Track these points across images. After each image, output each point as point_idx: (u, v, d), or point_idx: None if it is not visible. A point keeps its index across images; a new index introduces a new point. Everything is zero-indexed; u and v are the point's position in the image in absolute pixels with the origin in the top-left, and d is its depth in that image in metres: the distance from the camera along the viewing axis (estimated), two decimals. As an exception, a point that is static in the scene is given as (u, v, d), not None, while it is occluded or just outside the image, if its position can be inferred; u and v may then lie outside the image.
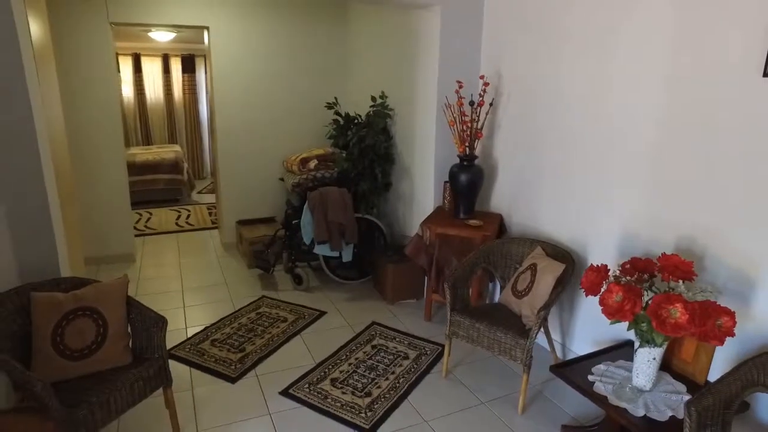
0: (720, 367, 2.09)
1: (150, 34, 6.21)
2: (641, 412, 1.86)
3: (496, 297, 3.41)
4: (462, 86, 3.11)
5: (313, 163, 4.11)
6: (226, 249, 4.87)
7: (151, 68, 7.95)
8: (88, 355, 2.01)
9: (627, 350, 2.29)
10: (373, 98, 4.10)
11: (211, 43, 4.41)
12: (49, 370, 1.93)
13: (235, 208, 4.86)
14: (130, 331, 2.17)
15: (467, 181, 3.15)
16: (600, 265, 2.04)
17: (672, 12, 2.17)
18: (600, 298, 1.92)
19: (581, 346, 2.80)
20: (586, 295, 2.03)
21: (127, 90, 7.82)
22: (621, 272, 2.02)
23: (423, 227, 3.19)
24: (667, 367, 2.14)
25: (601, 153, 2.59)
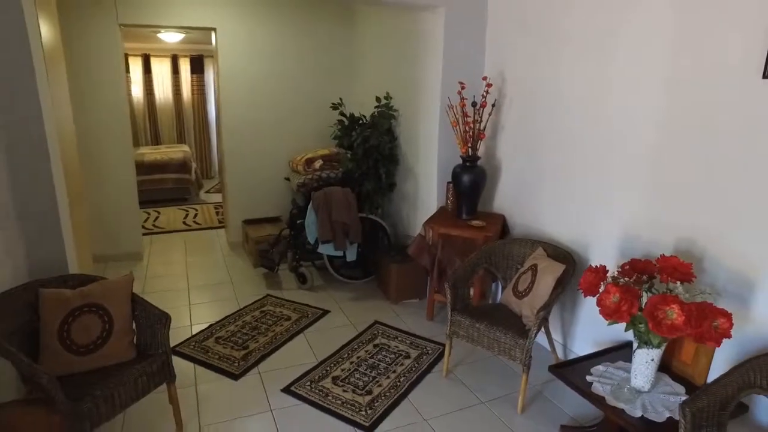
0: (720, 368, 2.08)
1: (159, 35, 6.28)
2: (639, 413, 1.87)
3: (499, 297, 3.42)
4: (464, 87, 3.13)
5: (319, 163, 4.14)
6: (232, 248, 4.91)
7: (161, 69, 8.04)
8: (93, 350, 2.06)
9: (627, 351, 2.29)
10: (378, 99, 4.12)
11: (218, 44, 4.46)
12: (55, 364, 1.98)
13: (241, 207, 4.91)
14: (134, 327, 2.22)
15: (470, 181, 3.16)
16: (598, 266, 2.05)
17: (671, 14, 2.17)
18: (597, 298, 1.94)
19: (582, 347, 2.80)
20: (585, 296, 2.04)
21: (137, 90, 7.91)
22: (620, 273, 2.03)
23: (426, 227, 3.21)
24: (667, 369, 2.14)
25: (600, 155, 2.60)
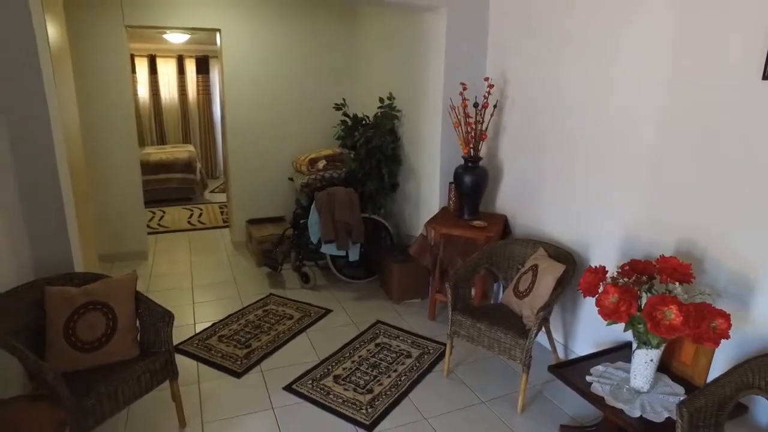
0: (720, 369, 2.07)
1: (165, 35, 6.33)
2: (637, 413, 1.87)
3: (500, 297, 3.42)
4: (466, 88, 3.14)
5: (322, 164, 4.16)
6: (236, 247, 4.95)
7: (166, 69, 8.10)
8: (98, 347, 2.09)
9: (627, 352, 2.30)
10: (381, 99, 4.14)
11: (222, 45, 4.50)
12: (60, 361, 2.01)
13: (245, 207, 4.94)
14: (138, 325, 2.25)
15: (471, 182, 3.17)
16: (598, 266, 2.06)
17: (672, 15, 2.17)
18: (596, 299, 1.94)
19: (583, 347, 2.81)
20: (584, 296, 2.05)
21: (143, 91, 7.98)
22: (619, 274, 2.04)
23: (427, 227, 3.23)
24: (667, 370, 2.14)
25: (601, 155, 2.60)
